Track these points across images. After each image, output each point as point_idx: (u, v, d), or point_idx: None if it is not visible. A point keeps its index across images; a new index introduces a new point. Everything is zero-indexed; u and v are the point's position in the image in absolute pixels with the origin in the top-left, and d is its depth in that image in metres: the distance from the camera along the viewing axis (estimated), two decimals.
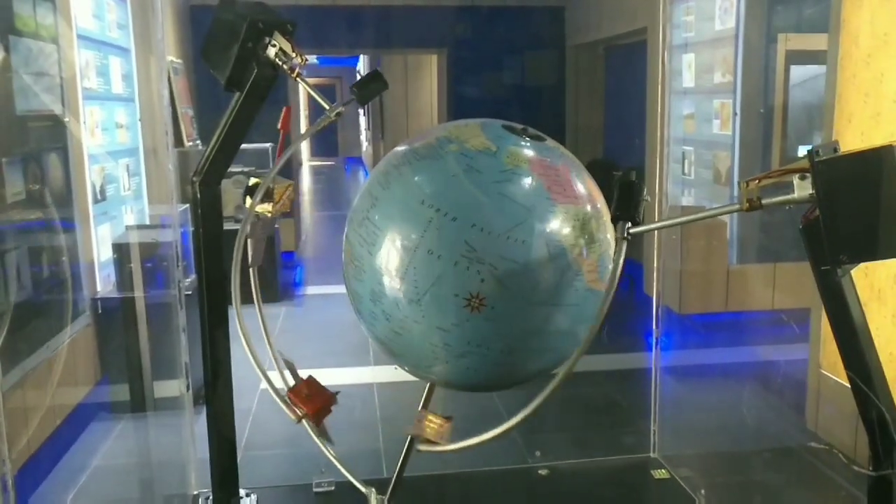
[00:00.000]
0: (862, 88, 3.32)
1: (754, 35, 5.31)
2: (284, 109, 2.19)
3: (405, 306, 1.62)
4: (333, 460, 2.09)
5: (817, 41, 4.48)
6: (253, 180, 2.13)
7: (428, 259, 1.58)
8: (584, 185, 1.72)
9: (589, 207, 1.70)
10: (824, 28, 3.69)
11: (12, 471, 1.61)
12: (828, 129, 3.57)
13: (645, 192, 1.68)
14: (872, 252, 1.38)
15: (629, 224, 1.63)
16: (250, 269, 2.15)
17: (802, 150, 5.39)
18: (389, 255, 1.62)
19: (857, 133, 3.34)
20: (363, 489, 1.99)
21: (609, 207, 1.71)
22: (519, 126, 1.74)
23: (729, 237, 5.36)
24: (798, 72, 5.25)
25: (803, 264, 1.52)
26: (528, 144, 1.71)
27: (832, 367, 3.50)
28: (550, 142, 1.77)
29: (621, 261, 1.61)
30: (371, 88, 2.08)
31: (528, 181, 1.64)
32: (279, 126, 2.19)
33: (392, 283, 1.62)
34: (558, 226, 1.63)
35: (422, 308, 1.61)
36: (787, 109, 5.32)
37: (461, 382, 1.81)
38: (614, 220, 1.65)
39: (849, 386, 3.19)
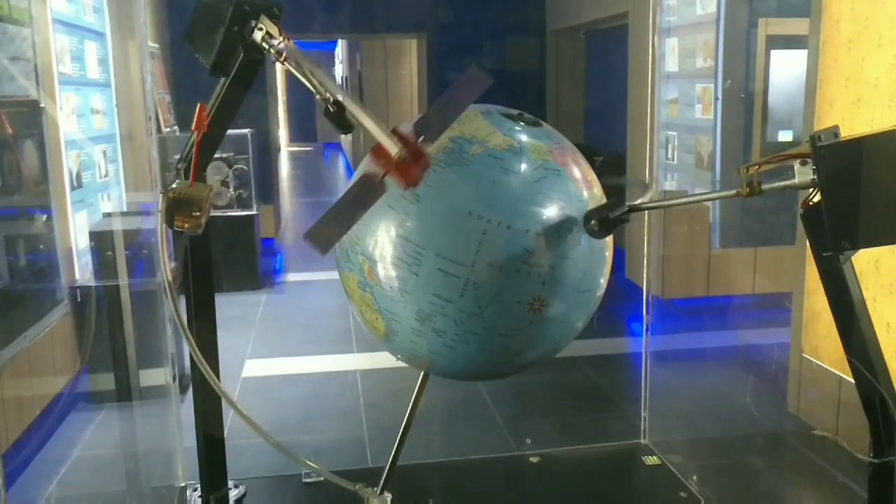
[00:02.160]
0: (843, 73, 3.33)
1: (735, 19, 5.32)
2: (199, 107, 1.95)
3: (464, 321, 1.57)
4: (326, 474, 2.05)
5: (798, 26, 4.50)
6: (174, 186, 1.87)
7: (488, 271, 1.54)
8: (582, 169, 1.73)
9: (595, 190, 1.72)
10: (805, 13, 3.70)
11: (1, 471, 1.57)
12: (809, 114, 3.58)
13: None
14: (875, 238, 1.37)
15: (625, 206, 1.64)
16: (167, 288, 1.97)
17: (783, 136, 5.44)
18: (442, 273, 1.54)
19: (837, 118, 3.35)
20: (364, 493, 1.96)
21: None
22: (515, 112, 1.73)
23: (711, 221, 5.39)
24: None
25: (784, 248, 1.52)
26: (535, 132, 1.70)
27: (813, 351, 3.52)
28: (546, 126, 1.76)
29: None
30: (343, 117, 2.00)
31: (557, 174, 1.64)
32: (193, 126, 1.95)
33: (448, 299, 1.56)
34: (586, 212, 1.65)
35: (484, 320, 1.58)
36: (766, 94, 5.34)
37: (485, 377, 1.81)
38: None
39: (830, 369, 3.20)
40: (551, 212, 1.59)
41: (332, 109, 1.93)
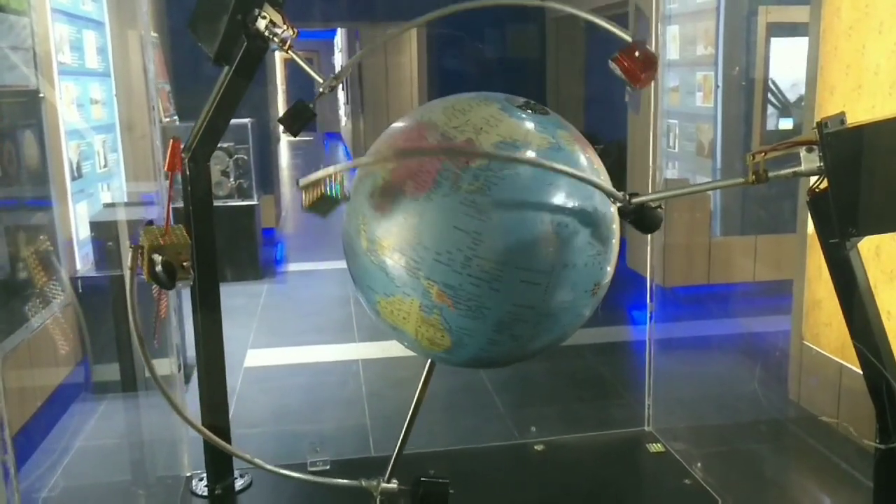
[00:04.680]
0: (843, 61, 3.32)
1: (735, 7, 5.30)
2: (171, 142, 1.82)
3: (542, 321, 1.61)
4: (327, 481, 2.07)
5: (797, 13, 4.49)
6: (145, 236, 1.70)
7: (565, 273, 1.57)
8: (590, 150, 1.77)
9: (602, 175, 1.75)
10: (805, 0, 3.69)
11: (13, 457, 1.57)
12: (810, 101, 3.58)
13: None
14: (882, 224, 1.38)
15: (627, 194, 1.66)
16: (140, 343, 1.89)
17: (784, 123, 5.43)
18: (522, 283, 1.55)
19: (839, 105, 3.34)
20: (371, 487, 1.97)
21: None
22: (521, 100, 1.73)
23: (712, 209, 5.39)
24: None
25: (785, 236, 1.53)
26: (553, 121, 1.72)
27: (814, 339, 3.53)
28: (552, 113, 1.77)
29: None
30: (300, 121, 1.98)
31: (587, 161, 1.68)
32: (165, 167, 1.82)
33: (530, 307, 1.57)
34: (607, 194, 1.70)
35: (560, 318, 1.63)
36: (766, 82, 5.33)
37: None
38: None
39: (831, 356, 3.21)
40: (597, 200, 1.64)
41: (312, 107, 1.95)
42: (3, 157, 3.32)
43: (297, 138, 20.80)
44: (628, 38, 1.74)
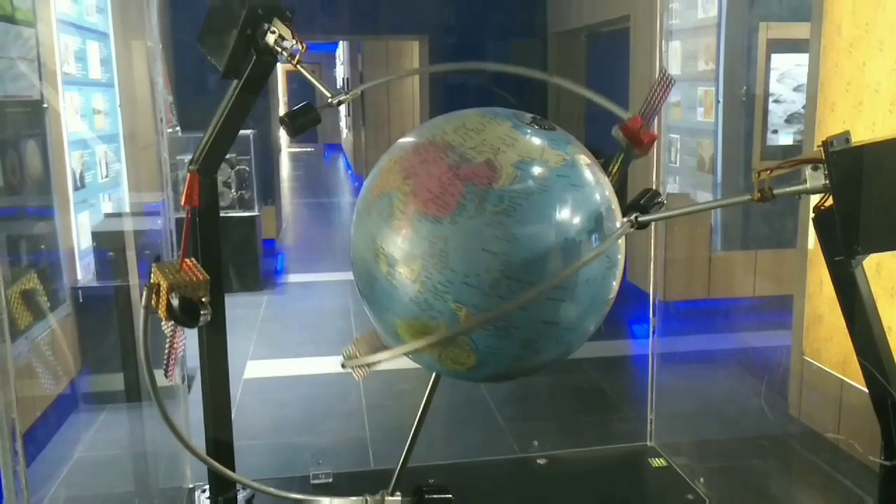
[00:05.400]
0: (844, 78, 3.34)
1: (736, 23, 5.33)
2: (189, 176, 1.80)
3: (563, 335, 1.62)
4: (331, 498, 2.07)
5: (798, 30, 4.51)
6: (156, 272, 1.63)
7: (586, 287, 1.59)
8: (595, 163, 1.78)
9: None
10: (806, 17, 3.72)
11: (24, 466, 1.57)
12: (811, 118, 3.60)
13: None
14: (887, 242, 1.38)
15: (636, 214, 1.67)
16: (149, 378, 1.83)
17: (784, 139, 5.44)
18: (548, 301, 1.56)
19: (839, 122, 3.37)
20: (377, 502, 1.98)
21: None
22: (528, 116, 1.73)
23: (712, 224, 5.40)
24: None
25: (785, 252, 1.54)
26: (563, 137, 1.73)
27: (815, 354, 3.53)
28: (559, 128, 1.77)
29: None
30: (302, 121, 1.95)
31: (596, 175, 1.69)
32: (182, 201, 1.79)
33: (553, 322, 1.59)
34: (616, 209, 1.72)
35: (577, 331, 1.64)
36: (767, 98, 5.35)
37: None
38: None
39: (832, 372, 3.23)
40: (605, 215, 1.65)
41: (318, 110, 1.96)
42: (6, 166, 3.33)
43: (298, 149, 20.73)
44: (625, 117, 1.83)
